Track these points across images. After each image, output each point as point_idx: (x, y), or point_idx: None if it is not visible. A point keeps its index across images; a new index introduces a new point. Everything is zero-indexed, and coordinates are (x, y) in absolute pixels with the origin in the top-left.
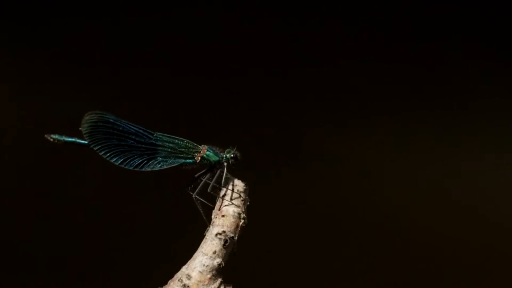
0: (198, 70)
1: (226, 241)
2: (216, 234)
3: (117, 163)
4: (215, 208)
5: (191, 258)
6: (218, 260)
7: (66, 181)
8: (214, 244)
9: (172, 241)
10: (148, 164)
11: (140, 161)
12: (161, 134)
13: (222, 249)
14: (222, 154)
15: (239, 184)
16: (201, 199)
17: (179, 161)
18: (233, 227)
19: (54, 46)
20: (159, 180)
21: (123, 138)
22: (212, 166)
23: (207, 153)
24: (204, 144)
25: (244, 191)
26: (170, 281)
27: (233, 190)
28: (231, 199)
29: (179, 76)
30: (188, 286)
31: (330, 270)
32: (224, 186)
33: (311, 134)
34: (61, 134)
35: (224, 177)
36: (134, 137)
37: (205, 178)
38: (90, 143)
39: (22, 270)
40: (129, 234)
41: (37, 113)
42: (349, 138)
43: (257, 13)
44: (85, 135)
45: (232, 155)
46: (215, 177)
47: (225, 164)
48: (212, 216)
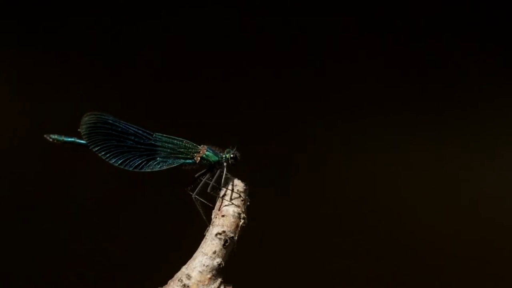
0: (198, 70)
1: (226, 241)
2: (216, 234)
3: (116, 164)
4: (215, 208)
5: (191, 258)
6: (218, 260)
7: (66, 181)
8: (214, 244)
9: (172, 241)
10: (147, 164)
11: (139, 161)
12: (160, 134)
13: (222, 249)
14: (221, 154)
15: (239, 184)
16: (201, 199)
17: (179, 161)
18: (233, 227)
19: (54, 46)
20: (159, 180)
21: (122, 139)
22: (211, 166)
23: (207, 153)
24: (203, 144)
25: (244, 191)
26: (170, 281)
27: (233, 190)
28: (231, 199)
29: (179, 76)
30: (188, 286)
31: (331, 270)
32: (224, 186)
33: (312, 134)
34: (60, 134)
35: (224, 177)
36: (133, 137)
37: (204, 178)
38: (89, 144)
39: (21, 270)
40: (129, 234)
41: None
42: (350, 138)
43: (257, 13)
44: (84, 136)
45: (231, 155)
46: (215, 177)
47: (224, 164)
48: (212, 216)
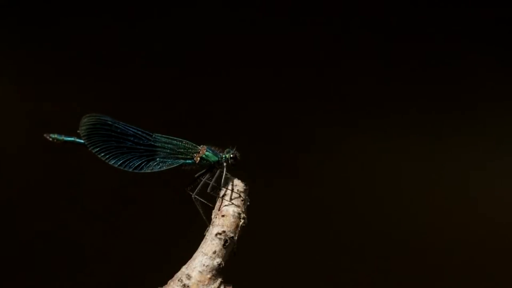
0: (198, 70)
1: (226, 241)
2: (216, 234)
3: (116, 165)
4: (215, 208)
5: (191, 258)
6: (218, 260)
7: (66, 181)
8: (214, 244)
9: (172, 241)
10: (147, 165)
11: (139, 162)
12: (159, 135)
13: (222, 249)
14: (221, 154)
15: (239, 184)
16: (200, 199)
17: (179, 161)
18: (233, 227)
19: (54, 46)
20: (159, 180)
21: (122, 140)
22: (211, 166)
23: (206, 153)
24: (203, 144)
25: (244, 191)
26: (170, 281)
27: (233, 190)
28: (231, 199)
29: (179, 76)
30: (188, 286)
31: (331, 270)
32: (223, 186)
33: (312, 134)
34: (60, 133)
35: (223, 177)
36: (132, 138)
37: (204, 178)
38: (88, 145)
39: (22, 271)
40: (129, 234)
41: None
42: (351, 138)
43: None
44: (83, 138)
45: (231, 155)
46: (215, 177)
47: (224, 164)
48: (212, 216)
